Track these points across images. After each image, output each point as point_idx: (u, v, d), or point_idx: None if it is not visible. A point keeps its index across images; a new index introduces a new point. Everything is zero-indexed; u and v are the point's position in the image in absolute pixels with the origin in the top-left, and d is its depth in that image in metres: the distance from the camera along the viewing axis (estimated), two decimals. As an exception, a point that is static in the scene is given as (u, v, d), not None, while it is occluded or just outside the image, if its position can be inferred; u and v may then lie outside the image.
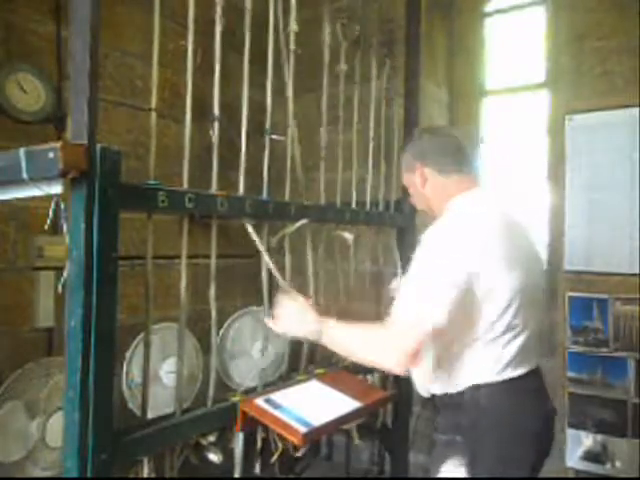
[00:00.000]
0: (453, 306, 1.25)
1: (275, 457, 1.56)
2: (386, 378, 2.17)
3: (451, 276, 1.26)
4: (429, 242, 1.33)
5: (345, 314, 1.46)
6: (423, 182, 1.47)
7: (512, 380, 1.34)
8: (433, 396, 1.46)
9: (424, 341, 1.25)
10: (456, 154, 1.47)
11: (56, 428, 1.54)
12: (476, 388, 1.34)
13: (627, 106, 2.35)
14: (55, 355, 1.94)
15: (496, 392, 1.34)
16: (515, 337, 1.34)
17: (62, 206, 1.20)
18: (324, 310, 1.49)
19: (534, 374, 1.42)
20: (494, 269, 1.29)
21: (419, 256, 1.33)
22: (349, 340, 1.37)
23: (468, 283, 1.27)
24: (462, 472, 1.34)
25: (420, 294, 1.28)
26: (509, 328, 1.33)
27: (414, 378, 1.50)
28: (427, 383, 1.45)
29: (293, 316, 1.42)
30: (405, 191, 2.25)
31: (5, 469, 1.49)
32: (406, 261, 2.12)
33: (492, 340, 1.32)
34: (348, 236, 1.90)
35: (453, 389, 1.38)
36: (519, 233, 1.44)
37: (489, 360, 1.34)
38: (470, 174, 1.47)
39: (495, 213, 1.41)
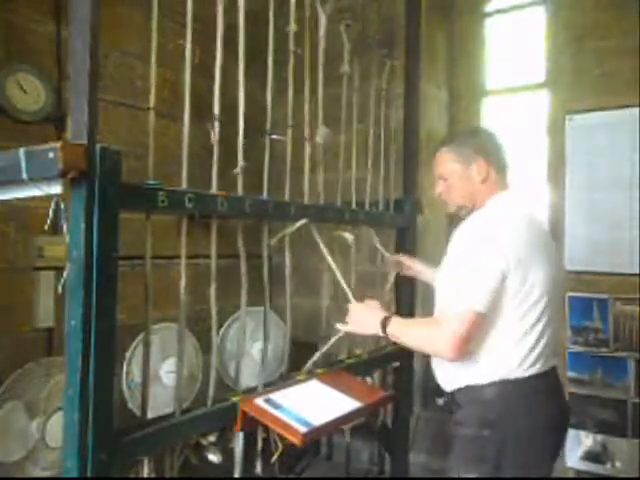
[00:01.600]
0: (494, 295, 1.34)
1: (275, 457, 1.56)
2: (386, 378, 2.17)
3: (493, 266, 1.34)
4: (474, 233, 1.41)
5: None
6: (484, 177, 1.53)
7: (537, 376, 1.40)
8: (454, 390, 1.49)
9: (472, 326, 1.34)
10: (505, 154, 1.58)
11: (56, 428, 1.54)
12: (504, 382, 1.39)
13: (627, 106, 2.35)
14: (55, 355, 1.94)
15: (522, 387, 1.39)
16: (541, 335, 1.40)
17: (62, 206, 1.20)
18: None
19: (554, 371, 1.48)
20: (527, 265, 1.36)
21: (465, 246, 1.40)
22: (407, 334, 1.51)
23: (505, 275, 1.34)
24: (488, 467, 1.37)
25: (468, 280, 1.37)
26: (537, 324, 1.39)
27: (437, 371, 1.56)
28: (451, 375, 1.49)
29: (364, 318, 1.59)
30: (406, 191, 2.27)
31: (5, 469, 1.49)
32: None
33: (520, 337, 1.38)
34: (348, 236, 1.90)
35: (478, 381, 1.42)
36: (545, 234, 1.53)
37: (519, 355, 1.39)
38: (508, 174, 1.58)
39: (527, 213, 1.50)
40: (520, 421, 1.38)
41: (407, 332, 1.51)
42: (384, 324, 1.52)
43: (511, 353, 1.39)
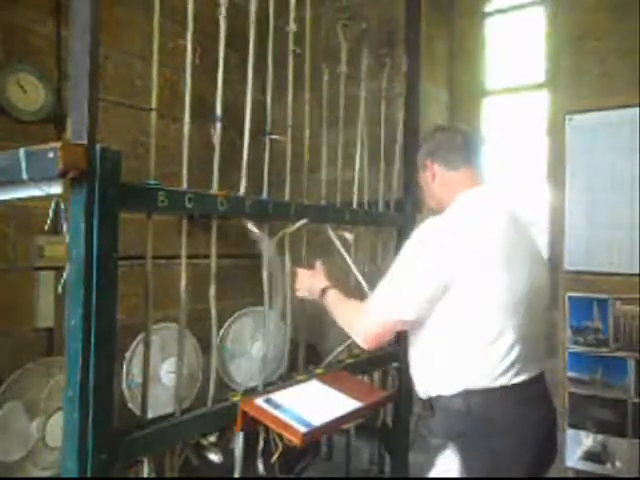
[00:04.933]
0: (428, 302, 1.29)
1: (275, 457, 1.56)
2: (386, 378, 2.17)
3: (433, 273, 1.28)
4: (420, 235, 1.35)
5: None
6: (432, 178, 1.50)
7: (508, 387, 1.30)
8: (430, 398, 1.43)
9: (389, 328, 1.38)
10: (464, 149, 1.48)
11: (56, 428, 1.54)
12: (469, 393, 1.31)
13: (627, 106, 2.35)
14: (55, 355, 1.94)
15: (490, 399, 1.30)
16: (515, 342, 1.30)
17: (62, 206, 1.20)
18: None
19: (535, 381, 1.37)
20: (492, 269, 1.27)
21: (407, 247, 1.36)
22: (337, 309, 1.55)
23: (457, 281, 1.26)
24: (454, 476, 1.30)
25: (396, 284, 1.35)
26: (507, 330, 1.29)
27: (414, 379, 1.49)
28: (425, 384, 1.43)
29: (305, 280, 1.67)
30: (406, 191, 2.27)
31: (5, 469, 1.49)
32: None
33: (489, 344, 1.29)
34: (348, 236, 1.90)
35: (447, 391, 1.35)
36: (523, 232, 1.42)
37: (486, 365, 1.30)
38: (478, 169, 1.49)
39: (500, 211, 1.40)
40: (485, 435, 1.29)
41: (337, 309, 1.55)
42: (322, 293, 1.59)
43: (477, 363, 1.30)
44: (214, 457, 1.46)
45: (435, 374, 1.38)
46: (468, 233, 1.30)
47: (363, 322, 1.40)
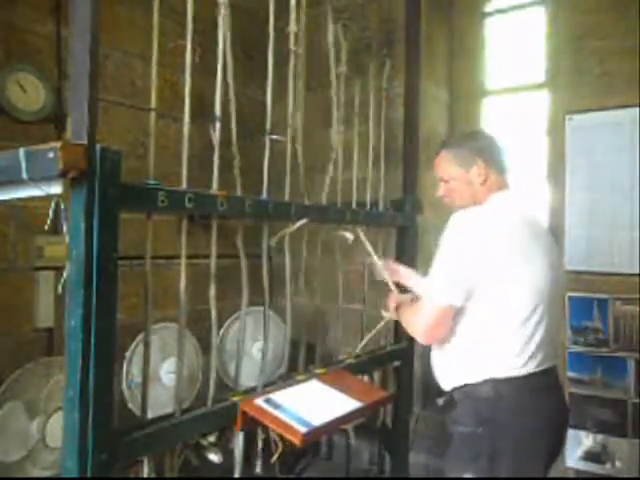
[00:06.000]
0: (470, 288, 1.38)
1: (275, 457, 1.56)
2: (386, 378, 2.17)
3: (473, 260, 1.37)
4: (459, 227, 1.43)
5: None
6: (484, 179, 1.55)
7: (532, 375, 1.41)
8: (453, 389, 1.50)
9: (441, 318, 1.43)
10: (504, 156, 1.61)
11: (56, 428, 1.54)
12: (498, 381, 1.40)
13: (627, 106, 2.35)
14: (55, 355, 1.94)
15: (517, 386, 1.40)
16: (536, 332, 1.40)
17: (62, 206, 1.20)
18: None
19: (552, 372, 1.49)
20: (516, 262, 1.38)
21: (447, 238, 1.44)
22: (403, 318, 1.69)
23: (491, 271, 1.36)
24: (484, 464, 1.38)
25: (440, 273, 1.44)
26: (531, 320, 1.39)
27: (435, 371, 1.58)
28: (450, 375, 1.51)
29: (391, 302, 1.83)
30: (406, 191, 2.27)
31: (5, 469, 1.49)
32: (407, 260, 2.12)
33: (516, 332, 1.39)
34: (349, 236, 1.90)
35: (473, 380, 1.43)
36: (543, 232, 1.54)
37: (510, 355, 1.40)
38: (508, 175, 1.60)
39: (524, 212, 1.52)
40: (513, 419, 1.38)
41: (402, 318, 1.70)
42: (396, 311, 1.77)
43: (502, 352, 1.40)
44: (214, 457, 1.46)
45: (462, 364, 1.47)
46: (500, 229, 1.41)
47: (417, 318, 1.50)
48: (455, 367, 1.50)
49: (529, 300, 1.39)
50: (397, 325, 2.13)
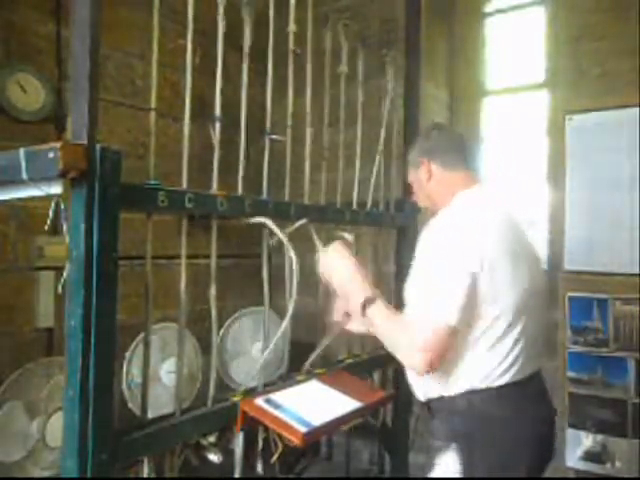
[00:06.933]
0: (466, 306, 1.24)
1: (275, 457, 1.56)
2: (386, 378, 2.17)
3: (463, 273, 1.25)
4: (437, 237, 1.33)
5: None
6: (429, 177, 1.50)
7: (510, 385, 1.31)
8: (429, 400, 1.43)
9: (446, 341, 1.24)
10: (461, 150, 1.50)
11: (56, 428, 1.54)
12: (472, 393, 1.32)
13: (627, 106, 2.34)
14: (55, 355, 1.94)
15: (493, 398, 1.31)
16: (516, 341, 1.31)
17: (62, 206, 1.20)
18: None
19: (534, 378, 1.40)
20: (499, 267, 1.28)
21: (429, 250, 1.33)
22: (383, 331, 1.36)
23: (475, 280, 1.25)
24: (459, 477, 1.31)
25: (433, 291, 1.28)
26: (510, 330, 1.30)
27: (411, 381, 1.49)
28: (424, 386, 1.43)
29: (336, 268, 1.46)
30: (407, 190, 2.27)
31: (5, 469, 1.49)
32: (407, 260, 2.12)
33: (492, 343, 1.30)
34: (348, 236, 1.90)
35: (449, 392, 1.35)
36: (520, 232, 1.43)
37: (488, 365, 1.31)
38: (474, 170, 1.51)
39: (498, 210, 1.41)
40: (489, 432, 1.30)
41: (384, 329, 1.36)
42: (365, 303, 1.36)
43: (481, 362, 1.31)
44: (214, 457, 1.46)
45: (437, 376, 1.35)
46: (480, 233, 1.30)
47: (421, 345, 1.24)
48: (430, 379, 1.37)
49: (510, 308, 1.29)
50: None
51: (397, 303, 2.17)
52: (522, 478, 1.35)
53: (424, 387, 1.43)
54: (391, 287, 2.14)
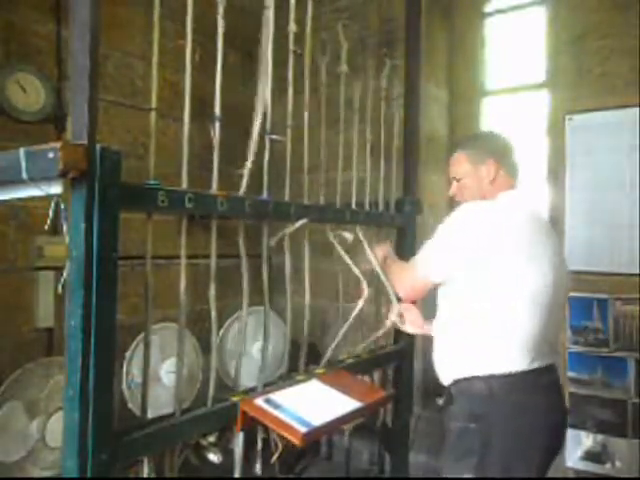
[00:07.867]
0: (455, 268, 1.45)
1: (275, 457, 1.56)
2: (386, 378, 2.17)
3: (467, 243, 1.41)
4: (459, 213, 1.48)
5: None
6: (490, 176, 1.59)
7: (527, 372, 1.41)
8: (453, 382, 1.51)
9: (420, 286, 1.65)
10: (516, 159, 1.64)
11: (56, 428, 1.54)
12: (491, 377, 1.40)
13: (627, 106, 2.35)
14: (55, 355, 1.94)
15: (511, 383, 1.40)
16: (536, 329, 1.41)
17: (62, 206, 1.20)
18: None
19: (549, 370, 1.48)
20: (521, 259, 1.40)
21: (446, 221, 1.50)
22: (389, 269, 1.93)
23: (485, 260, 1.39)
24: (474, 461, 1.38)
25: (430, 250, 1.55)
26: (530, 318, 1.40)
27: (436, 365, 1.59)
28: (449, 369, 1.52)
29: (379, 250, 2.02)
30: (406, 191, 2.27)
31: (5, 469, 1.49)
32: (406, 260, 2.12)
33: (513, 329, 1.40)
34: (348, 236, 1.90)
35: (469, 374, 1.44)
36: (547, 232, 1.55)
37: (507, 350, 1.41)
38: (517, 178, 1.64)
39: (530, 211, 1.54)
40: (506, 417, 1.38)
41: (389, 269, 1.92)
42: (385, 257, 1.98)
43: (497, 348, 1.41)
44: (214, 457, 1.46)
45: (460, 359, 1.48)
46: (503, 223, 1.43)
47: (401, 279, 1.76)
48: (453, 361, 1.51)
49: (529, 298, 1.40)
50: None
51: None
52: (522, 478, 1.37)
53: (447, 370, 1.53)
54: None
